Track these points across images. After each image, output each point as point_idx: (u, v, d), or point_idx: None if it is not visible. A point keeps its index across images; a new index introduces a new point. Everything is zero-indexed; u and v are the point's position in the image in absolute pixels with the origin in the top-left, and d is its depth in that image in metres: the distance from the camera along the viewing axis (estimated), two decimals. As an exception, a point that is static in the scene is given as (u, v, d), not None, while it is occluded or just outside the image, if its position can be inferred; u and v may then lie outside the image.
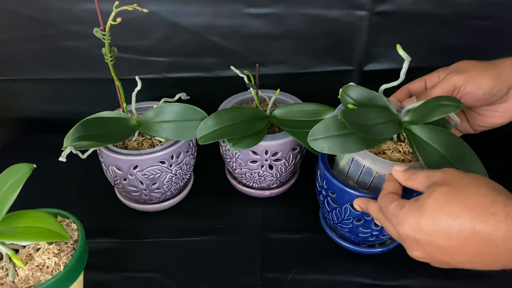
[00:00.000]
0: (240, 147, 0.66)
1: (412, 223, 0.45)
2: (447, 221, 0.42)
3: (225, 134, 0.67)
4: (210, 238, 0.73)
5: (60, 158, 0.61)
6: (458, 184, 0.44)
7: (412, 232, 0.45)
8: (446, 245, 0.43)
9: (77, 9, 0.80)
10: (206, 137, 0.67)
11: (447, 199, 0.43)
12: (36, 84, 0.91)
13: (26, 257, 0.53)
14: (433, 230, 0.43)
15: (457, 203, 0.42)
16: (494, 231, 0.40)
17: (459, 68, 0.62)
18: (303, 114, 0.71)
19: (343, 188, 0.59)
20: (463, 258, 0.43)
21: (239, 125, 0.68)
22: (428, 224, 0.43)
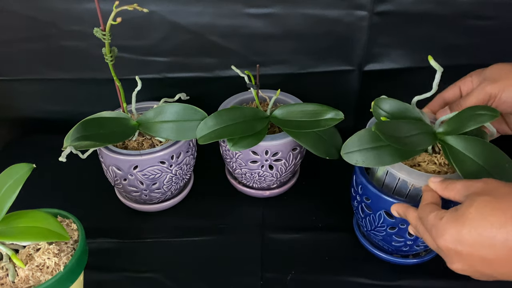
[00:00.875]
0: (240, 147, 0.66)
1: (453, 234, 0.43)
2: (491, 231, 0.40)
3: (225, 134, 0.66)
4: (210, 238, 0.73)
5: (60, 158, 0.61)
6: (500, 193, 0.43)
7: (453, 244, 0.43)
8: (490, 256, 0.41)
9: (77, 9, 0.80)
10: (206, 137, 0.66)
11: (490, 208, 0.41)
12: (36, 84, 0.91)
13: (26, 257, 0.53)
14: (476, 241, 0.41)
15: (502, 212, 0.41)
16: None
17: (493, 74, 0.60)
18: (303, 114, 0.70)
19: (378, 194, 0.59)
20: (509, 269, 0.41)
21: (239, 125, 0.68)
22: (471, 234, 0.42)
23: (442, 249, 0.45)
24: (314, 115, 0.70)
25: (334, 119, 0.68)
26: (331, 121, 0.68)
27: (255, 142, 0.67)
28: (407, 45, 0.83)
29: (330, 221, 0.75)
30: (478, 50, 0.83)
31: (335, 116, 0.68)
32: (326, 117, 0.68)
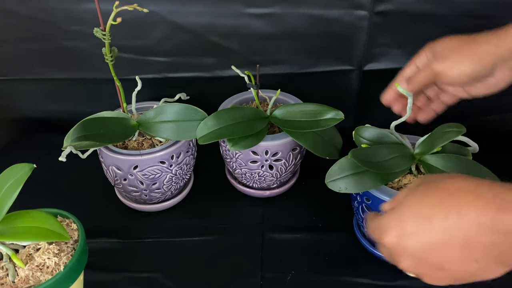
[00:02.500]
0: (240, 147, 0.66)
1: (394, 229, 0.41)
2: (428, 212, 0.39)
3: (225, 134, 0.67)
4: (210, 238, 0.73)
5: (60, 158, 0.61)
6: (436, 179, 0.42)
7: (396, 237, 0.41)
8: (432, 240, 0.38)
9: (77, 9, 0.80)
10: (206, 137, 0.67)
11: (425, 192, 0.40)
12: (36, 84, 0.91)
13: (26, 257, 0.53)
14: (415, 225, 0.39)
15: (437, 191, 0.39)
16: (483, 213, 0.36)
17: (441, 51, 0.60)
18: (303, 114, 0.70)
19: (378, 195, 0.60)
20: (454, 253, 0.38)
21: (239, 125, 0.68)
22: (409, 222, 0.40)
23: (389, 246, 0.42)
24: (314, 115, 0.70)
25: (334, 119, 0.68)
26: (331, 121, 0.68)
27: (255, 142, 0.67)
28: (407, 45, 0.83)
29: (330, 221, 0.75)
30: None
31: (335, 116, 0.68)
32: (326, 117, 0.68)
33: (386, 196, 0.59)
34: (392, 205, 0.45)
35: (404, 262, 0.42)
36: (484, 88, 0.60)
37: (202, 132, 0.67)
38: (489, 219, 0.36)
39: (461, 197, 0.37)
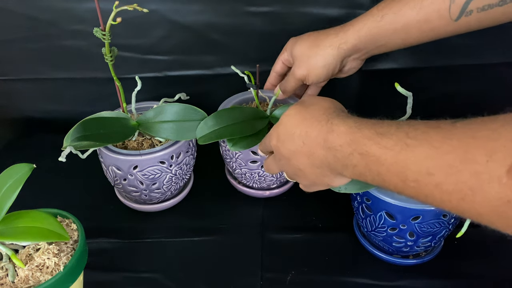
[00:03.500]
0: (240, 147, 0.66)
1: (275, 135, 0.55)
2: (291, 129, 0.52)
3: (225, 134, 0.66)
4: (210, 238, 0.72)
5: (59, 158, 0.61)
6: (306, 103, 0.54)
7: (276, 141, 0.54)
8: (293, 148, 0.52)
9: (77, 8, 0.80)
10: (206, 137, 0.66)
11: (295, 113, 0.53)
12: (36, 84, 0.91)
13: (26, 257, 0.53)
14: (285, 136, 0.53)
15: (300, 116, 0.52)
16: (318, 134, 0.49)
17: (298, 56, 0.71)
18: None
19: (378, 195, 0.59)
20: (304, 160, 0.51)
21: (239, 125, 0.68)
22: (282, 132, 0.53)
23: (273, 147, 0.56)
24: None
25: None
26: None
27: (255, 142, 0.67)
28: (407, 45, 0.83)
29: (330, 221, 0.75)
30: (479, 50, 0.83)
31: None
32: None
33: (386, 196, 0.59)
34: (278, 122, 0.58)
35: (280, 161, 0.56)
36: (341, 75, 0.74)
37: (202, 132, 0.67)
38: (322, 138, 0.48)
39: (310, 122, 0.50)
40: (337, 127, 0.47)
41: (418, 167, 0.38)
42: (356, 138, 0.45)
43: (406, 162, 0.39)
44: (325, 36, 0.69)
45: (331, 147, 0.47)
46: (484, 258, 0.68)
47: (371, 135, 0.43)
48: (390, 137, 0.41)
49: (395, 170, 0.41)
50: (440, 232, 0.61)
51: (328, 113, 0.50)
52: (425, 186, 0.38)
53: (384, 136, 0.42)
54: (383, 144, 0.42)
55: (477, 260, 0.67)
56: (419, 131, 0.40)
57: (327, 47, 0.68)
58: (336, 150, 0.47)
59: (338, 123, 0.48)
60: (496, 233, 0.72)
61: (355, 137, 0.45)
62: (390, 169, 0.41)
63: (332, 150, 0.47)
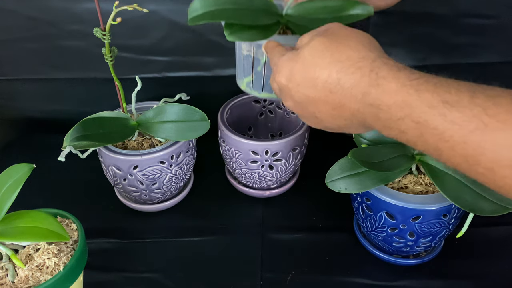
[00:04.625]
0: (239, 37, 0.54)
1: (286, 72, 0.46)
2: (315, 71, 0.43)
3: (222, 16, 0.55)
4: (210, 238, 0.72)
5: (59, 158, 0.61)
6: (337, 36, 0.44)
7: (286, 80, 0.46)
8: (313, 95, 0.43)
9: (77, 8, 0.80)
10: (198, 17, 0.54)
11: (321, 49, 0.43)
12: (36, 84, 0.91)
13: (25, 257, 0.53)
14: (303, 79, 0.44)
15: (330, 54, 0.42)
16: (356, 84, 0.40)
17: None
18: (324, 10, 0.58)
19: (379, 195, 0.59)
20: (327, 110, 0.43)
21: (242, 12, 0.56)
22: (300, 73, 0.44)
23: (278, 85, 0.48)
24: (338, 10, 0.58)
25: (359, 14, 0.57)
26: (355, 16, 0.57)
27: (260, 37, 0.54)
28: (407, 44, 0.83)
29: (330, 221, 0.75)
30: (479, 49, 0.83)
31: (362, 11, 0.57)
32: (351, 13, 0.57)
33: (386, 196, 0.59)
34: (297, 45, 0.49)
35: (287, 102, 0.48)
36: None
37: (195, 12, 0.55)
38: (360, 91, 0.40)
39: (345, 66, 0.41)
40: (385, 81, 0.38)
41: (497, 155, 0.32)
42: (412, 102, 0.36)
43: (481, 145, 0.32)
44: None
45: (373, 104, 0.39)
46: (484, 258, 0.68)
47: (434, 102, 0.35)
48: (462, 110, 0.33)
49: (463, 152, 0.33)
50: (440, 232, 0.61)
51: (369, 56, 0.41)
52: (503, 178, 0.32)
53: (453, 107, 0.34)
54: (451, 117, 0.34)
55: (478, 260, 0.67)
56: (502, 108, 0.32)
57: None
58: (380, 109, 0.39)
59: (386, 76, 0.39)
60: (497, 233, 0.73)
61: (410, 101, 0.36)
62: (455, 148, 0.34)
63: (374, 107, 0.39)
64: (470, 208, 0.54)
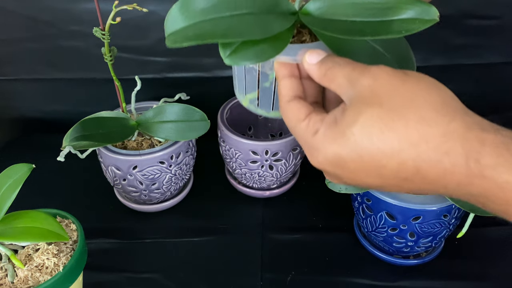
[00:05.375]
0: (242, 59, 0.38)
1: (329, 157, 0.34)
2: (379, 160, 0.32)
3: (216, 32, 0.38)
4: (210, 238, 0.72)
5: (58, 158, 0.61)
6: (395, 102, 0.32)
7: (331, 167, 0.35)
8: (377, 183, 0.34)
9: (76, 8, 0.80)
10: (179, 34, 0.39)
11: (379, 129, 0.31)
12: (35, 84, 0.91)
13: (25, 258, 0.53)
14: (360, 168, 0.33)
15: (395, 135, 0.31)
16: (448, 175, 0.31)
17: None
18: (359, 10, 0.40)
19: (379, 196, 0.59)
20: (392, 187, 0.34)
21: (242, 18, 0.39)
22: (353, 161, 0.33)
23: (315, 166, 0.37)
24: (381, 12, 0.39)
25: (419, 20, 0.38)
26: (413, 23, 0.37)
27: (270, 53, 0.38)
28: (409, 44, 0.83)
29: (331, 221, 0.75)
30: (482, 50, 0.83)
31: (420, 14, 0.38)
32: (403, 17, 0.38)
33: (386, 197, 0.58)
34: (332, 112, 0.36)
35: (332, 180, 0.38)
36: None
37: (176, 25, 0.40)
38: (454, 182, 0.31)
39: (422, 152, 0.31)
40: (495, 172, 0.29)
41: None
42: None
43: None
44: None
45: (477, 195, 0.31)
46: (485, 258, 0.68)
47: None
48: None
49: None
50: (440, 233, 0.61)
51: (454, 130, 0.30)
52: None
53: None
54: None
55: (478, 261, 0.67)
56: None
57: None
58: (487, 199, 0.31)
59: (495, 165, 0.29)
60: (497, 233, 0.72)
61: None
62: None
63: (477, 197, 0.31)
64: (470, 208, 0.54)
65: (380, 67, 0.34)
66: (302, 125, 0.37)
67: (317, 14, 0.41)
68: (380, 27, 0.38)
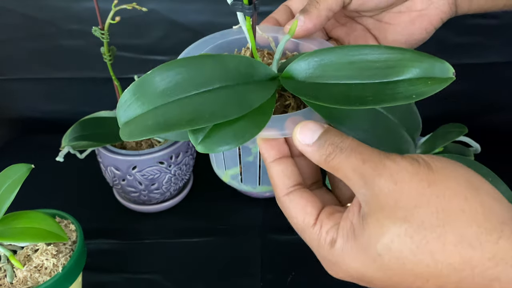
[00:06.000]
0: (219, 144, 0.32)
1: (352, 273, 0.31)
2: (414, 282, 0.28)
3: (182, 119, 0.31)
4: (209, 239, 0.72)
5: (57, 158, 0.61)
6: (425, 216, 0.27)
7: (353, 280, 0.33)
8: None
9: (75, 7, 0.80)
10: (136, 124, 0.32)
11: (411, 251, 0.27)
12: (34, 83, 0.91)
13: (24, 258, 0.53)
14: (389, 286, 0.30)
15: (430, 258, 0.27)
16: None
17: None
18: (355, 70, 0.33)
19: None
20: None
21: (214, 95, 0.33)
22: (382, 281, 0.30)
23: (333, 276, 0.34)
24: (384, 72, 0.32)
25: (431, 80, 0.32)
26: (425, 85, 0.31)
27: (251, 132, 0.32)
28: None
29: (331, 221, 0.75)
30: (481, 49, 0.83)
31: (431, 73, 0.32)
32: (410, 76, 0.32)
33: None
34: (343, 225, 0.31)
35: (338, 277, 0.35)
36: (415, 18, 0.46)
37: (128, 113, 0.33)
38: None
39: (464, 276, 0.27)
40: None
41: None
42: None
43: None
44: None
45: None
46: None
47: None
48: None
49: None
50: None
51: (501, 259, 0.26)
52: None
53: None
54: None
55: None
56: None
57: None
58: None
59: None
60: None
61: None
62: None
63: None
64: None
65: (397, 162, 0.29)
66: (313, 232, 0.32)
67: (303, 78, 0.35)
68: (384, 92, 0.31)
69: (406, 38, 0.47)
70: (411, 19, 0.46)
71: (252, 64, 0.35)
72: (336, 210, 0.33)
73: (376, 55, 0.33)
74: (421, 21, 0.46)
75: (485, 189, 0.28)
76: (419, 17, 0.46)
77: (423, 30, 0.47)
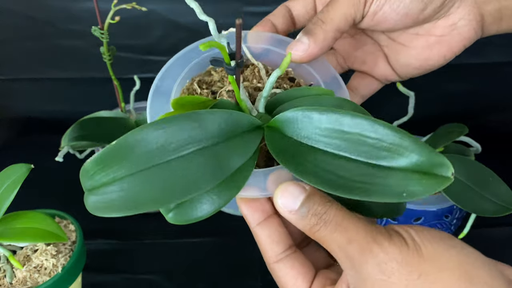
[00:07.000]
0: (194, 213, 0.31)
1: None
2: None
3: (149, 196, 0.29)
4: (209, 239, 0.72)
5: (56, 158, 0.61)
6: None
7: None
8: None
9: (75, 8, 0.80)
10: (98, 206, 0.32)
11: None
12: (34, 83, 0.91)
13: (23, 259, 0.53)
14: None
15: None
16: None
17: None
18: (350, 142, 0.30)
19: None
20: None
21: (187, 162, 0.28)
22: None
23: None
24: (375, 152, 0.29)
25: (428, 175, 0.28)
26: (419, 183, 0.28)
27: (230, 193, 0.30)
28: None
29: (331, 221, 0.75)
30: (482, 48, 0.83)
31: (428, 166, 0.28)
32: (405, 165, 0.28)
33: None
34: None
35: None
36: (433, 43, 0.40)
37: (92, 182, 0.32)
38: None
39: None
40: None
41: None
42: None
43: None
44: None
45: None
46: (485, 259, 0.67)
47: None
48: None
49: None
50: (442, 233, 0.60)
51: None
52: None
53: None
54: None
55: (479, 261, 0.67)
56: None
57: None
58: None
59: None
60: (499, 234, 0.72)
61: None
62: None
63: None
64: (472, 209, 0.54)
65: (385, 248, 0.27)
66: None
67: (290, 133, 0.31)
68: (374, 180, 0.28)
69: (420, 64, 0.43)
70: (429, 44, 0.41)
71: (235, 119, 0.31)
72: (328, 279, 0.32)
73: (374, 133, 0.29)
74: (439, 48, 0.41)
75: (480, 277, 0.26)
76: (438, 43, 0.41)
77: (441, 57, 0.42)
